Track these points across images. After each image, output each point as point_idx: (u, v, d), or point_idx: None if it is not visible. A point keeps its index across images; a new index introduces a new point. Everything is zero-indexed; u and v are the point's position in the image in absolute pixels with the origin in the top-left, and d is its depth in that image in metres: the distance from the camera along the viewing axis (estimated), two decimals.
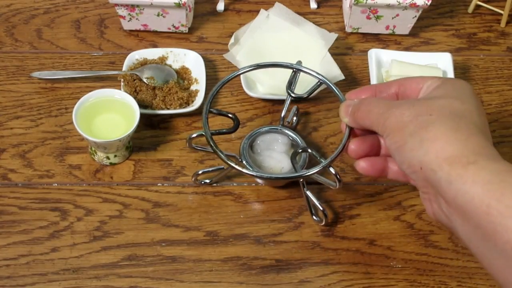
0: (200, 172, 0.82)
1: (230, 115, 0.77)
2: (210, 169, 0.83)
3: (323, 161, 0.72)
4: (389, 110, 0.58)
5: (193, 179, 0.83)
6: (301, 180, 0.80)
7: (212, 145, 0.73)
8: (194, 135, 0.76)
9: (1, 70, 0.94)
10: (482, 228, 0.50)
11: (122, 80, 0.91)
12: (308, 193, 0.80)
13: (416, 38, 1.02)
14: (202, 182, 0.84)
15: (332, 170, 0.72)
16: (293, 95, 0.82)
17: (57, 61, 0.96)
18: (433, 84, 0.60)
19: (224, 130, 0.77)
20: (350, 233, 0.82)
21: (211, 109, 0.76)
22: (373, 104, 0.61)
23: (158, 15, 0.96)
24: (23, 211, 0.81)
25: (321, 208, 0.79)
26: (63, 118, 0.90)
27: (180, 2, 0.92)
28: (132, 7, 0.94)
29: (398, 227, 0.83)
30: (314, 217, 0.81)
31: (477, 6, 1.05)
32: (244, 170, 0.73)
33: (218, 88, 0.78)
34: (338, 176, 0.72)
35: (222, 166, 0.82)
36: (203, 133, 0.74)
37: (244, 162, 0.81)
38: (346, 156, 0.88)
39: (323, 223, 0.81)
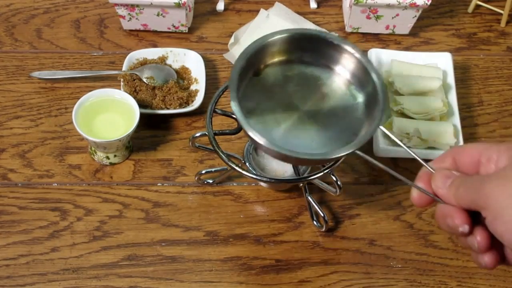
0: (203, 171, 0.82)
1: (234, 116, 0.77)
2: (213, 169, 0.83)
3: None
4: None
5: (196, 178, 0.83)
6: (301, 185, 0.80)
7: (215, 145, 0.73)
8: (197, 135, 0.76)
9: (1, 70, 0.94)
10: None
11: (122, 80, 0.91)
12: (310, 198, 0.80)
13: (416, 38, 1.02)
14: (205, 182, 0.84)
15: (333, 177, 0.72)
16: None
17: (57, 61, 0.96)
18: (500, 156, 0.52)
19: (227, 131, 0.76)
20: (350, 233, 0.82)
21: (216, 109, 0.76)
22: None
23: (158, 15, 0.96)
24: (23, 211, 0.81)
25: (322, 214, 0.79)
26: (63, 118, 0.90)
27: (180, 2, 0.92)
28: (132, 7, 0.94)
29: (398, 227, 0.83)
30: (314, 223, 0.81)
31: (477, 6, 1.05)
32: (244, 173, 0.73)
33: (225, 88, 0.78)
34: (338, 183, 0.72)
35: (226, 167, 0.82)
36: (206, 133, 0.74)
37: (247, 164, 0.81)
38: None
39: (324, 229, 0.81)
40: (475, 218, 0.51)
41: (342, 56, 0.72)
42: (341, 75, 0.72)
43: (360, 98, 0.71)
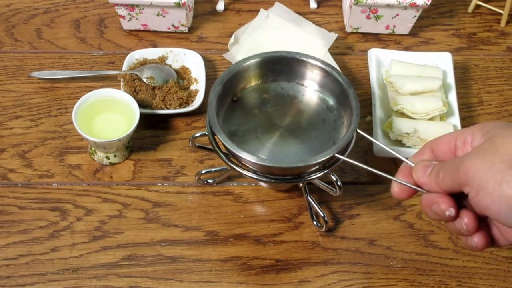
0: (203, 171, 0.82)
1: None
2: (213, 169, 0.83)
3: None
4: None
5: (196, 178, 0.83)
6: (301, 185, 0.79)
7: (214, 145, 0.73)
8: (197, 135, 0.76)
9: (1, 70, 0.94)
10: None
11: (122, 80, 0.91)
12: (310, 198, 0.80)
13: (416, 38, 1.02)
14: (205, 182, 0.84)
15: (333, 177, 0.72)
16: None
17: (56, 61, 0.96)
18: (474, 136, 0.54)
19: None
20: (350, 233, 0.82)
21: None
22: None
23: (158, 15, 0.96)
24: (23, 211, 0.81)
25: (322, 214, 0.79)
26: (63, 118, 0.90)
27: (180, 1, 0.92)
28: (132, 7, 0.94)
29: (398, 227, 0.83)
30: (314, 223, 0.81)
31: (477, 6, 1.05)
32: (244, 172, 0.73)
33: None
34: (338, 183, 0.72)
35: (226, 167, 0.82)
36: (206, 133, 0.74)
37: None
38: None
39: (324, 229, 0.81)
40: (460, 204, 0.53)
41: (314, 72, 0.77)
42: (315, 90, 0.78)
43: (335, 108, 0.77)
